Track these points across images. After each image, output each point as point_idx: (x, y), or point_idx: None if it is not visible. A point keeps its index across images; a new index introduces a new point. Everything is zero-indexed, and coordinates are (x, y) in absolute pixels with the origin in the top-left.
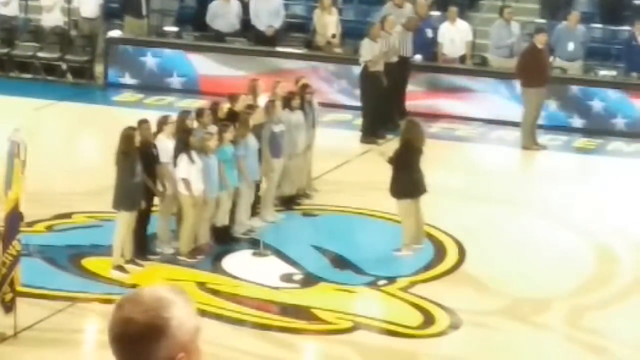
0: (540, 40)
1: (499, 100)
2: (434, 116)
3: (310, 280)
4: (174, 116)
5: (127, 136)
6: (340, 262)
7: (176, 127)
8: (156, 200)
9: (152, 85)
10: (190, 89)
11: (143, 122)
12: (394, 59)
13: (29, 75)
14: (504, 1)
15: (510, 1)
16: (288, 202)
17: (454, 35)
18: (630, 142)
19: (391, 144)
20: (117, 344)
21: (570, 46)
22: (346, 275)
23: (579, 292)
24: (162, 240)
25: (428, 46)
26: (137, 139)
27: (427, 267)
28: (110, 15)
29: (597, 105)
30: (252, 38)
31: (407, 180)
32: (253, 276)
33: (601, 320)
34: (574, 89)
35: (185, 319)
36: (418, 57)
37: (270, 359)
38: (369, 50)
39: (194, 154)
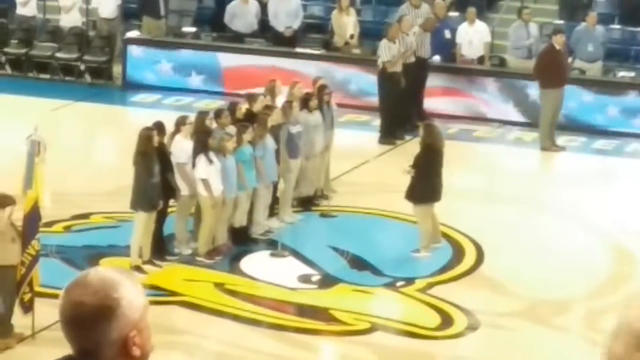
0: (558, 41)
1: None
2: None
3: (328, 281)
4: (191, 117)
5: (145, 137)
6: (358, 263)
7: (195, 127)
8: (172, 201)
9: (170, 86)
10: (208, 90)
11: (158, 124)
12: (411, 59)
13: (47, 76)
14: (523, 2)
15: (528, 2)
16: (306, 203)
17: (472, 36)
18: None
19: (408, 147)
20: (69, 328)
21: (590, 47)
22: (364, 277)
23: (597, 294)
24: (180, 241)
25: (446, 47)
26: (156, 139)
27: (445, 268)
28: (128, 15)
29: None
30: (270, 39)
31: (425, 186)
32: (271, 277)
33: None
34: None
35: (134, 297)
36: (436, 58)
37: None
38: (387, 51)
39: (212, 154)
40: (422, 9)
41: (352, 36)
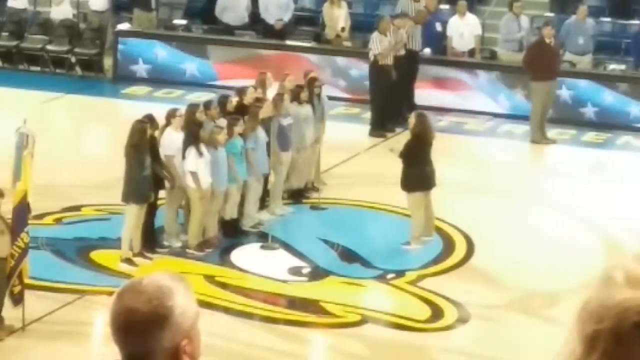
0: (546, 34)
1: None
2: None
3: (318, 273)
4: (182, 109)
5: (139, 129)
6: (349, 255)
7: (185, 120)
8: (162, 193)
9: (162, 78)
10: (199, 82)
11: (149, 117)
12: (402, 51)
13: (37, 68)
14: None
15: None
16: (296, 196)
17: (463, 29)
18: None
19: (400, 138)
20: (121, 335)
21: (580, 40)
22: (354, 269)
23: (589, 286)
24: (170, 233)
25: (437, 40)
26: (149, 132)
27: (436, 260)
28: (119, 8)
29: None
30: (261, 31)
31: (417, 174)
32: (261, 269)
33: None
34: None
35: (187, 305)
36: (427, 51)
37: (279, 352)
38: (379, 44)
39: (202, 147)
40: (422, 2)
41: (343, 29)
